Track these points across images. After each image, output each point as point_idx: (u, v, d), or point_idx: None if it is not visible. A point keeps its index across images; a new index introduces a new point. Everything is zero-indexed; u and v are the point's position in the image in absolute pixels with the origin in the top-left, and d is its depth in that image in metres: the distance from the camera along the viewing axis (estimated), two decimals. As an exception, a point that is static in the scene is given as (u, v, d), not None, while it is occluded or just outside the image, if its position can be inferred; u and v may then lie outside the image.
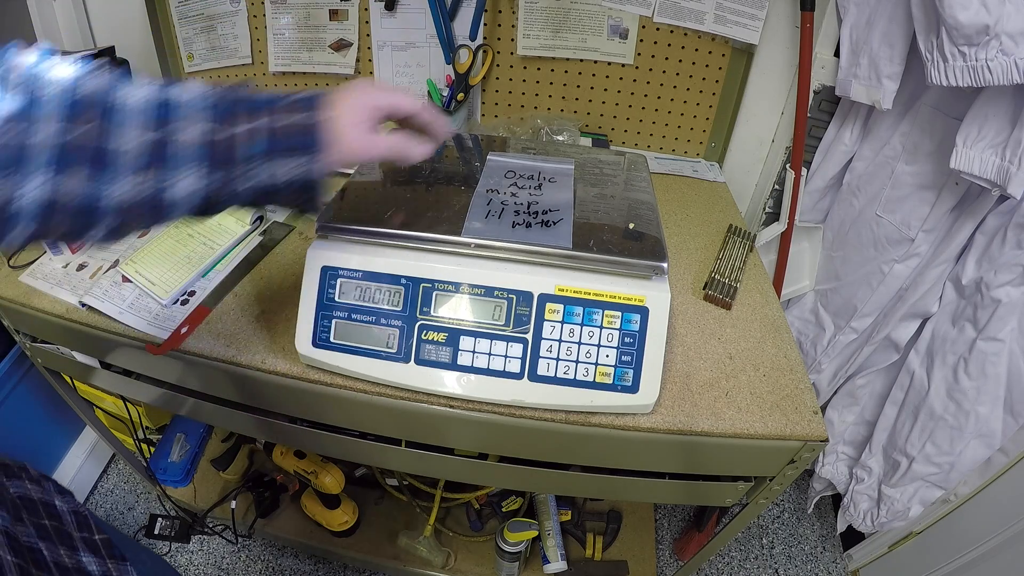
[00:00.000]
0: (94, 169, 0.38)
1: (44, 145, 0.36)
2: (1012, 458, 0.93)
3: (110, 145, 0.38)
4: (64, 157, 0.37)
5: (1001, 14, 0.64)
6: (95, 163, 0.38)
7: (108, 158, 0.38)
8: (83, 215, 0.39)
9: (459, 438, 0.70)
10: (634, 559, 1.23)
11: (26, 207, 0.36)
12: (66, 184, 0.37)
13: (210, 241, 0.81)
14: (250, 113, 0.43)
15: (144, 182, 0.40)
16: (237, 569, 1.28)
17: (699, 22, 1.01)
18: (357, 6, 1.08)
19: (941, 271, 0.89)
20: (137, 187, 0.40)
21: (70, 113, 0.37)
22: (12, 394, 1.11)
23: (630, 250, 0.61)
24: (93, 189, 0.38)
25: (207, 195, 0.43)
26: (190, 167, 0.41)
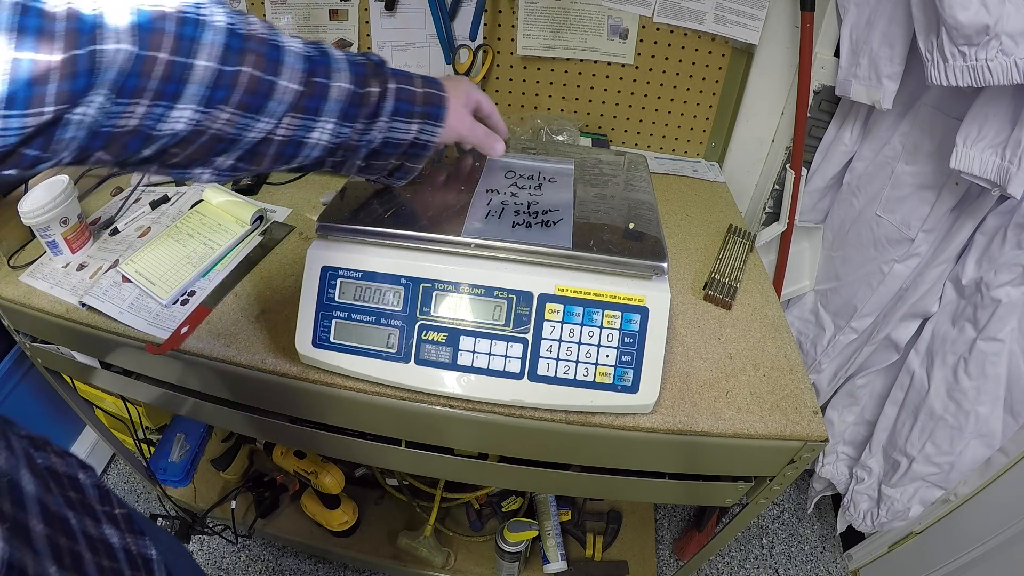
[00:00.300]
0: (256, 100, 0.41)
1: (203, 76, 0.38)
2: (1012, 458, 0.93)
3: (280, 80, 0.42)
4: (225, 86, 0.39)
5: (1001, 14, 0.64)
6: (257, 95, 0.41)
7: (274, 92, 0.42)
8: (224, 142, 0.42)
9: (459, 438, 0.70)
10: (634, 559, 1.23)
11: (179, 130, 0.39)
12: (220, 116, 0.40)
13: (210, 241, 0.81)
14: (383, 77, 0.50)
15: (294, 122, 0.44)
16: (237, 569, 1.28)
17: (699, 22, 1.01)
18: (357, 6, 1.08)
19: (941, 271, 0.89)
20: (287, 126, 0.44)
21: (241, 46, 0.39)
22: (12, 394, 1.11)
23: (630, 250, 0.61)
24: (248, 120, 0.42)
25: (339, 143, 0.49)
26: (332, 115, 0.46)
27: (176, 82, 0.37)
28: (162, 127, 0.38)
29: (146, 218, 0.88)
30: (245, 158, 0.45)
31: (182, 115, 0.38)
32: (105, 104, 0.34)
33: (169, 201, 0.91)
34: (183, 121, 0.39)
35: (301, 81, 0.43)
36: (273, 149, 0.45)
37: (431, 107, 0.53)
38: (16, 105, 0.30)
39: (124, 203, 0.91)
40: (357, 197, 0.68)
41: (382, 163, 0.55)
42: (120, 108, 0.35)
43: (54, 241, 0.78)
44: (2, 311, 0.80)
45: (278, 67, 0.42)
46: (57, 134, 0.33)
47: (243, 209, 0.85)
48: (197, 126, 0.40)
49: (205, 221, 0.85)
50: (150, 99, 0.36)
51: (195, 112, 0.39)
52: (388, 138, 0.52)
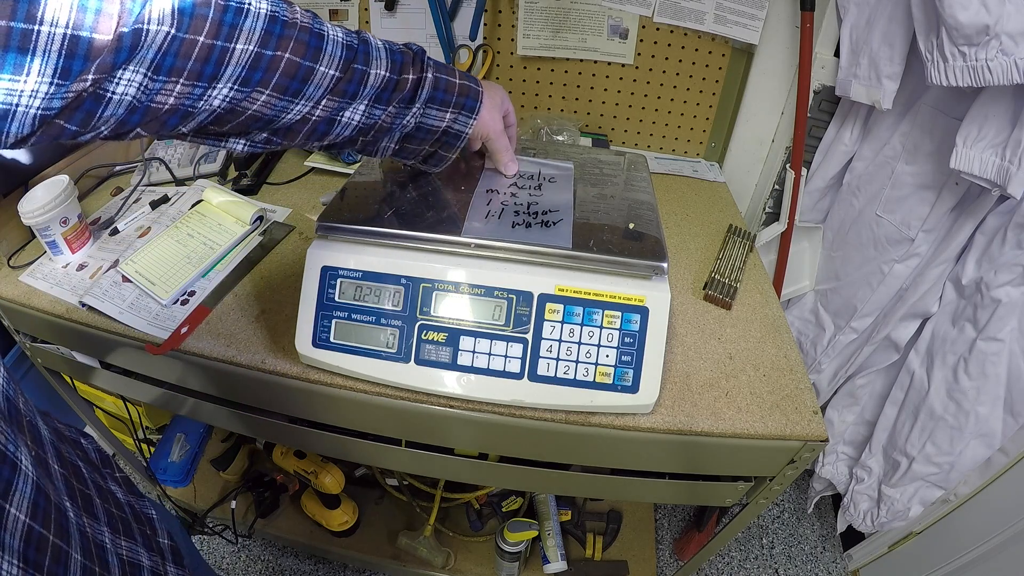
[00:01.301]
0: (294, 84, 0.43)
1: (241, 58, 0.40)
2: (1012, 458, 0.93)
3: (319, 66, 0.44)
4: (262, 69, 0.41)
5: (1001, 14, 0.64)
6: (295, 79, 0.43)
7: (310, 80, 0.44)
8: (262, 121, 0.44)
9: (459, 438, 0.70)
10: (634, 559, 1.23)
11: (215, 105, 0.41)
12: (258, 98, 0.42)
13: (210, 241, 0.81)
14: (421, 65, 0.52)
15: (330, 104, 0.47)
16: (237, 569, 1.28)
17: (699, 22, 1.01)
18: (357, 6, 1.08)
19: (941, 271, 0.89)
20: (323, 108, 0.46)
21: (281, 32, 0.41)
22: (12, 394, 1.11)
23: (630, 250, 0.61)
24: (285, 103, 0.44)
25: (372, 124, 0.51)
26: (366, 99, 0.48)
27: (214, 64, 0.38)
28: (200, 105, 0.40)
29: (146, 218, 0.88)
30: (280, 133, 0.47)
31: (219, 94, 0.40)
32: (144, 82, 0.36)
33: (169, 201, 0.91)
34: (219, 99, 0.40)
35: (340, 68, 0.45)
36: (307, 127, 0.47)
37: (467, 99, 0.55)
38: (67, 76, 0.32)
39: (124, 203, 0.91)
40: (357, 197, 0.68)
41: (415, 147, 0.57)
42: (159, 86, 0.37)
43: (54, 241, 0.78)
44: (2, 311, 0.80)
45: (318, 54, 0.44)
46: (98, 111, 0.35)
47: (243, 209, 0.85)
48: (235, 105, 0.41)
49: (205, 221, 0.85)
50: (188, 79, 0.38)
51: (232, 91, 0.40)
52: (422, 123, 0.54)
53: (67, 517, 0.35)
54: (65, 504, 0.36)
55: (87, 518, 0.38)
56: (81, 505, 0.38)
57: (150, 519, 0.48)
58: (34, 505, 0.31)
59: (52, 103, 0.32)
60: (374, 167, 0.74)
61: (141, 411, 1.21)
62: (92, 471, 0.44)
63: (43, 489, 0.33)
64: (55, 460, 0.39)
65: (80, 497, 0.39)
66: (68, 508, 0.36)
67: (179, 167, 0.99)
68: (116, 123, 0.36)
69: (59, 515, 0.34)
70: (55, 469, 0.38)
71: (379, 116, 0.50)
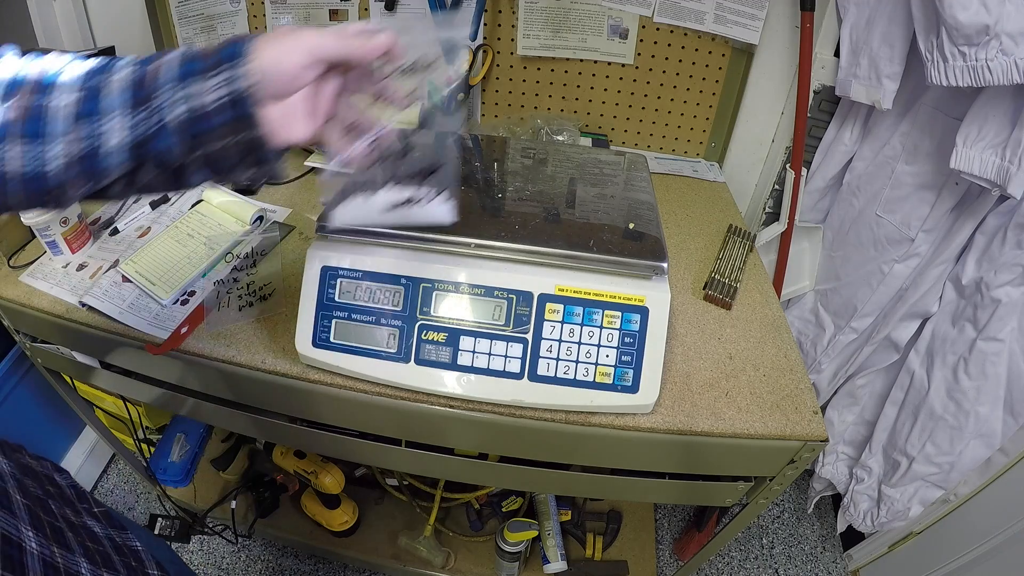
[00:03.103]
0: (32, 132, 0.38)
1: None
2: (1012, 458, 0.93)
3: (48, 103, 0.39)
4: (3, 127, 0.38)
5: (1001, 14, 0.64)
6: (32, 123, 0.38)
7: (45, 116, 0.39)
8: (34, 182, 0.39)
9: (459, 438, 0.70)
10: (634, 559, 1.23)
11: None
12: (9, 152, 0.38)
13: (210, 241, 0.81)
14: (168, 51, 0.41)
15: (76, 137, 0.39)
16: (237, 569, 1.28)
17: (699, 22, 1.01)
18: (357, 6, 1.08)
19: (941, 271, 0.89)
20: (71, 144, 0.39)
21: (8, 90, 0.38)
22: (12, 394, 1.11)
23: (630, 250, 0.61)
24: (36, 153, 0.39)
25: (135, 139, 0.40)
26: (114, 112, 0.39)
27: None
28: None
29: (146, 218, 0.88)
30: (64, 187, 0.41)
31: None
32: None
33: (169, 201, 0.91)
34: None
35: (78, 88, 0.39)
36: (75, 170, 0.40)
37: (225, 50, 0.40)
38: None
39: (124, 203, 0.91)
40: (357, 197, 0.68)
41: (216, 145, 0.41)
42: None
43: (54, 241, 0.78)
44: (2, 311, 0.80)
45: (50, 90, 0.39)
46: None
47: (243, 209, 0.85)
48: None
49: (205, 221, 0.85)
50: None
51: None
52: (192, 109, 0.39)
53: (21, 548, 0.33)
54: (25, 534, 0.34)
55: (58, 548, 0.37)
56: (50, 536, 0.37)
57: (135, 551, 0.46)
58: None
59: None
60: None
61: (141, 411, 1.21)
62: (63, 506, 0.42)
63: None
64: (17, 491, 0.37)
65: (49, 528, 0.38)
66: (30, 538, 0.34)
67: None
68: None
69: (7, 546, 0.32)
70: (16, 499, 0.36)
71: (140, 118, 0.39)
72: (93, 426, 1.08)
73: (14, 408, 1.12)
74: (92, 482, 1.38)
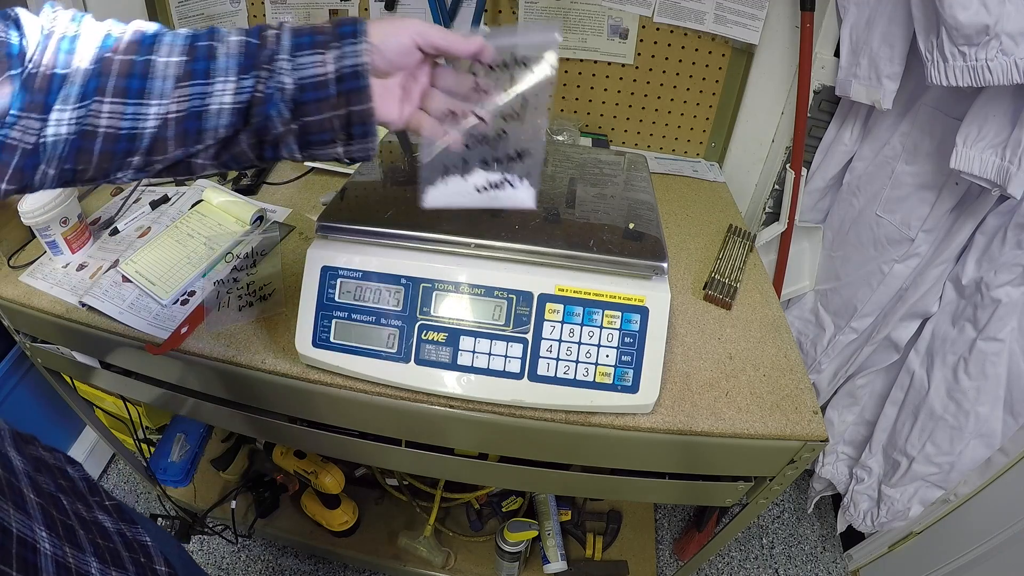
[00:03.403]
0: (139, 81, 0.39)
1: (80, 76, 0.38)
2: (1012, 458, 0.93)
3: (153, 59, 0.40)
4: (96, 75, 0.38)
5: (1001, 14, 0.64)
6: (137, 76, 0.39)
7: (149, 73, 0.39)
8: (127, 141, 0.40)
9: (459, 438, 0.70)
10: (634, 559, 1.23)
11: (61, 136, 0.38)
12: (102, 109, 0.39)
13: (210, 241, 0.81)
14: (269, 25, 0.43)
15: (182, 95, 0.40)
16: (237, 569, 1.28)
17: (699, 22, 1.01)
18: (357, 6, 1.08)
19: (941, 271, 0.89)
20: (174, 103, 0.40)
21: (109, 43, 0.39)
22: (12, 394, 1.11)
23: (630, 250, 0.61)
24: (133, 110, 0.40)
25: (242, 103, 0.42)
26: (224, 74, 0.41)
27: (50, 93, 0.37)
28: (45, 134, 0.38)
29: (146, 218, 0.88)
30: (153, 151, 0.42)
31: (62, 117, 0.38)
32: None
33: (169, 201, 0.91)
34: (64, 124, 0.38)
35: (182, 51, 0.40)
36: (176, 131, 0.41)
37: (342, 27, 0.42)
38: None
39: (124, 203, 0.91)
40: (357, 197, 0.68)
41: (318, 118, 0.43)
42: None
43: (54, 241, 0.78)
44: (2, 311, 0.80)
45: (151, 48, 0.40)
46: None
47: (243, 209, 0.85)
48: (83, 126, 0.39)
49: (205, 221, 0.85)
50: (29, 111, 0.37)
51: (74, 111, 0.38)
52: (303, 79, 0.42)
53: (36, 550, 0.33)
54: (39, 535, 0.34)
55: (70, 548, 0.37)
56: (62, 535, 0.37)
57: (144, 546, 0.46)
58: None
59: None
60: (374, 167, 0.74)
61: (141, 411, 1.21)
62: (75, 501, 0.42)
63: (1, 523, 0.32)
64: (30, 490, 0.37)
65: (62, 527, 0.38)
66: (44, 539, 0.35)
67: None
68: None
69: (22, 548, 0.32)
70: (30, 498, 0.36)
71: (249, 87, 0.41)
72: (93, 426, 1.08)
73: (14, 408, 1.12)
74: (92, 482, 1.38)
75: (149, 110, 0.40)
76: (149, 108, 0.40)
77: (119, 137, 0.40)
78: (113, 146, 0.40)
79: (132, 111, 0.39)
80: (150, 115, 0.40)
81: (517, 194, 0.53)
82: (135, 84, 0.39)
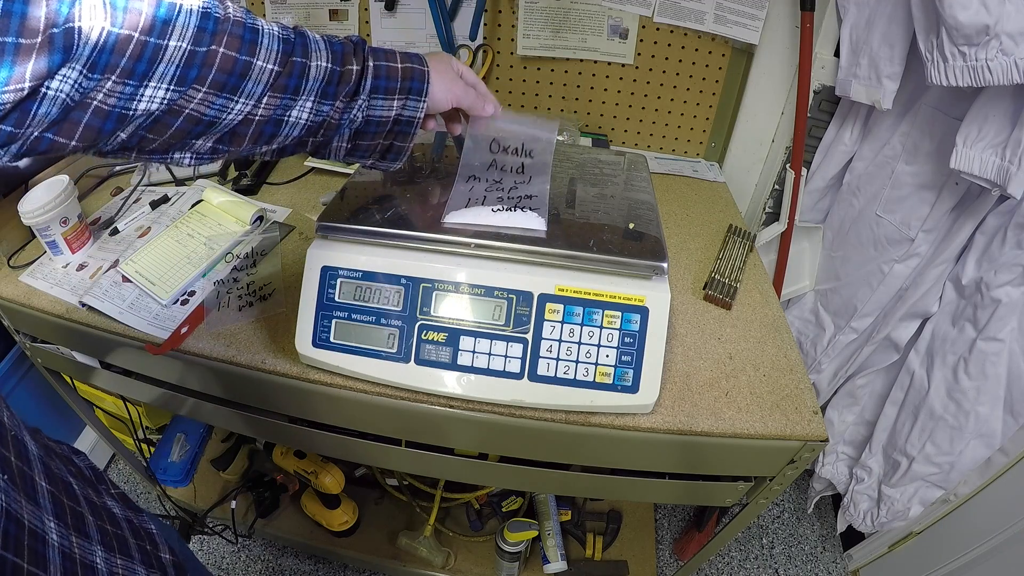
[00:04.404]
0: (232, 80, 0.41)
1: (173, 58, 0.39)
2: (1012, 458, 0.93)
3: (256, 60, 0.42)
4: (197, 65, 0.40)
5: (1001, 14, 0.64)
6: (232, 75, 0.41)
7: (249, 75, 0.42)
8: (202, 124, 0.43)
9: (459, 438, 0.70)
10: (634, 559, 1.23)
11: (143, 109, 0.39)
12: (194, 96, 0.41)
13: (210, 241, 0.81)
14: (362, 55, 0.49)
15: (272, 101, 0.44)
16: (237, 569, 1.28)
17: (699, 22, 1.01)
18: (357, 6, 1.08)
19: (941, 271, 0.89)
20: (268, 104, 0.44)
21: (215, 28, 0.40)
22: (12, 394, 1.11)
23: (630, 250, 0.61)
24: (222, 104, 0.42)
25: (314, 125, 0.48)
26: (311, 94, 0.46)
27: (147, 61, 0.37)
28: (135, 106, 0.38)
29: (146, 218, 0.88)
30: (225, 139, 0.45)
31: (155, 95, 0.39)
32: (79, 79, 0.35)
33: (169, 201, 0.91)
34: (157, 101, 0.39)
35: (278, 61, 0.43)
36: (252, 129, 0.45)
37: (413, 82, 0.52)
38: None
39: (124, 203, 0.91)
40: (357, 197, 0.68)
41: (368, 143, 0.54)
42: (92, 84, 0.36)
43: (54, 241, 0.78)
44: (2, 311, 0.80)
45: (253, 47, 0.42)
46: (32, 108, 0.34)
47: (243, 209, 0.85)
48: (171, 106, 0.40)
49: (205, 221, 0.85)
50: (121, 76, 0.37)
51: (168, 91, 0.39)
52: (370, 116, 0.51)
53: (45, 541, 0.34)
54: (48, 526, 0.35)
55: (77, 537, 0.37)
56: (71, 524, 0.37)
57: (150, 533, 0.46)
58: (3, 533, 0.31)
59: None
60: (374, 167, 0.74)
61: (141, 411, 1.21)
62: (85, 486, 0.43)
63: (13, 515, 0.32)
64: (42, 477, 0.38)
65: (71, 515, 0.38)
66: (52, 530, 0.35)
67: (179, 167, 0.99)
68: (50, 124, 0.36)
69: (33, 540, 0.33)
70: (42, 486, 0.37)
71: (327, 112, 0.48)
72: (93, 426, 1.08)
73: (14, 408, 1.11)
74: (92, 482, 1.38)
75: (236, 106, 0.43)
76: (236, 104, 0.43)
77: (200, 121, 0.42)
78: (191, 127, 0.42)
79: (220, 103, 0.42)
80: (234, 110, 0.43)
81: (528, 219, 0.62)
82: (232, 81, 0.41)
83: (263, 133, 0.46)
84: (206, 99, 0.41)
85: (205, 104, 0.41)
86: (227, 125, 0.44)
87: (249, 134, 0.45)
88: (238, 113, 0.43)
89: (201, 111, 0.41)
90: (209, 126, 0.43)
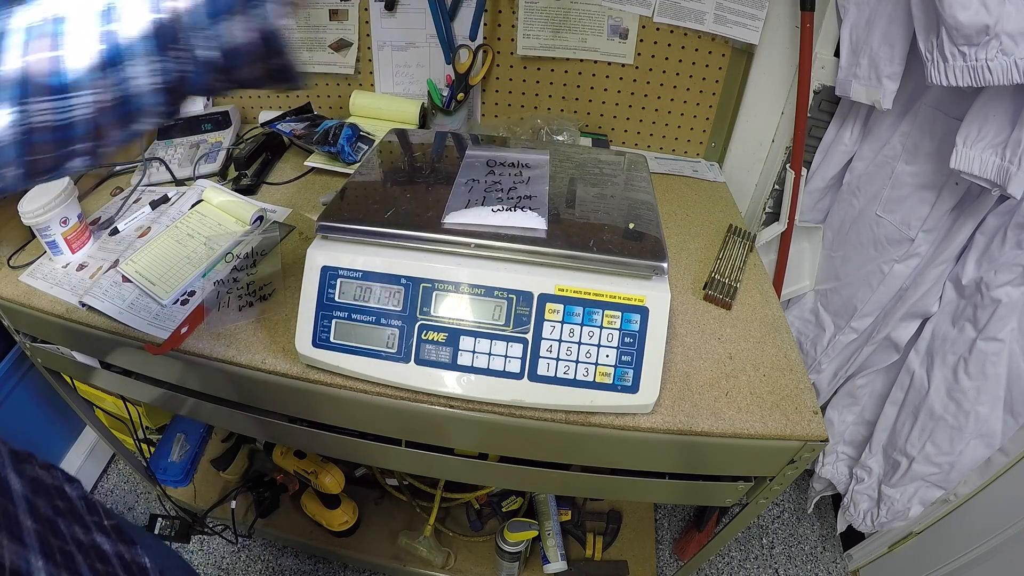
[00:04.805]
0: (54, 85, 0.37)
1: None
2: (1012, 458, 0.93)
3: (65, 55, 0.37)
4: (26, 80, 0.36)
5: (1001, 14, 0.64)
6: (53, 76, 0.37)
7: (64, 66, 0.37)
8: (61, 131, 0.38)
9: (459, 438, 0.70)
10: (634, 559, 1.23)
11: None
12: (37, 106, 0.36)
13: (210, 241, 0.81)
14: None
15: (104, 85, 0.38)
16: (237, 569, 1.28)
17: (699, 22, 1.01)
18: (357, 6, 1.08)
19: (941, 271, 0.89)
20: (98, 93, 0.38)
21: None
22: (12, 394, 1.11)
23: (630, 250, 0.61)
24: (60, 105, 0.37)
25: (168, 83, 0.40)
26: (142, 55, 0.39)
27: None
28: None
29: (146, 218, 0.88)
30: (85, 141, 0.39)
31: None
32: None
33: (169, 201, 0.91)
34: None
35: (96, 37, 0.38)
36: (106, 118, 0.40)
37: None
38: None
39: (124, 203, 0.91)
40: (357, 197, 0.68)
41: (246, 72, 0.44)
42: None
43: (54, 241, 0.78)
44: (2, 311, 0.80)
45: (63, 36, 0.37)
46: None
47: (243, 209, 0.85)
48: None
49: (205, 221, 0.85)
50: None
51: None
52: (224, 48, 0.41)
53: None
54: (36, 564, 0.34)
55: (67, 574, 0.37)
56: (60, 562, 0.37)
57: (143, 569, 0.46)
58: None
59: None
60: (374, 167, 0.74)
61: (141, 411, 1.21)
62: (72, 524, 0.42)
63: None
64: (28, 516, 0.37)
65: (58, 553, 0.37)
66: (40, 569, 0.35)
67: (179, 167, 0.99)
68: None
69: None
70: (27, 525, 0.36)
71: (170, 68, 0.40)
72: (93, 426, 1.08)
73: (14, 408, 1.12)
74: (92, 482, 1.38)
75: (76, 101, 0.38)
76: (76, 99, 0.38)
77: (55, 128, 0.37)
78: (53, 137, 0.38)
79: (60, 105, 0.37)
80: (78, 104, 0.38)
81: (527, 217, 0.63)
82: (57, 81, 0.37)
83: (117, 120, 0.40)
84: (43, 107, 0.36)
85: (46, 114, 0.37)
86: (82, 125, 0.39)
87: (105, 124, 0.40)
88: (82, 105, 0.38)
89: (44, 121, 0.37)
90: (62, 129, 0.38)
